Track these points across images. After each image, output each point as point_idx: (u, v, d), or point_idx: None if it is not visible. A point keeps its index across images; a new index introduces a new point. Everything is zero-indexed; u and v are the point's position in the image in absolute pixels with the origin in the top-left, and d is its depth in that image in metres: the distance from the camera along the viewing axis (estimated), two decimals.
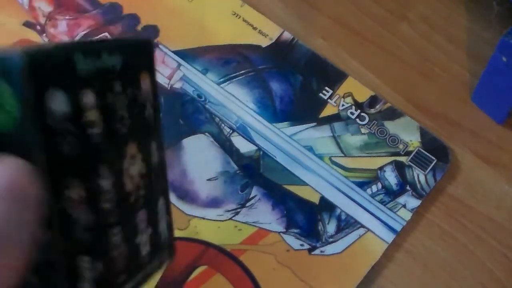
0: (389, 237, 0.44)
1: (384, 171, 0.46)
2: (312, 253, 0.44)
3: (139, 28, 0.50)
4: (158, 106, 0.27)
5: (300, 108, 0.48)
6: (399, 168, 0.46)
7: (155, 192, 0.27)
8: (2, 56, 0.20)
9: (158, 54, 0.49)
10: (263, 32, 0.50)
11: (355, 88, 0.48)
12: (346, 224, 0.45)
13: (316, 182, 0.46)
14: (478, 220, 0.45)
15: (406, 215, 0.45)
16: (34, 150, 0.21)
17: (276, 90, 0.48)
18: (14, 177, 0.20)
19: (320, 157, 0.46)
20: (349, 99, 0.48)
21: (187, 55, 0.49)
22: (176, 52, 0.49)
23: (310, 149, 0.47)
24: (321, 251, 0.44)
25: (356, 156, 0.46)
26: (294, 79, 0.49)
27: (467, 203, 0.46)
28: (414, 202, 0.45)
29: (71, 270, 0.22)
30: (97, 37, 0.49)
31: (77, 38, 0.49)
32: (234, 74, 0.49)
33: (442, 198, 0.46)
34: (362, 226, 0.45)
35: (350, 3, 0.51)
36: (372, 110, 0.48)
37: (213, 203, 0.45)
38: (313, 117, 0.47)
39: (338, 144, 0.47)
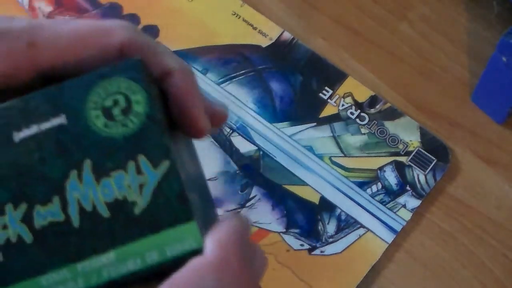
0: (389, 237, 0.44)
1: (384, 171, 0.46)
2: (312, 253, 0.44)
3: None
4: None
5: (300, 108, 0.48)
6: (399, 168, 0.46)
7: None
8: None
9: None
10: (263, 32, 0.50)
11: (355, 88, 0.48)
12: (346, 224, 0.45)
13: (316, 182, 0.46)
14: (478, 220, 0.45)
15: (406, 215, 0.45)
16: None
17: (276, 90, 0.48)
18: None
19: (320, 157, 0.46)
20: (349, 99, 0.48)
21: (187, 55, 0.49)
22: (176, 52, 0.49)
23: (310, 149, 0.47)
24: (321, 251, 0.44)
25: (356, 156, 0.46)
26: (294, 79, 0.49)
27: (467, 203, 0.46)
28: (414, 202, 0.45)
29: None
30: None
31: None
32: (234, 74, 0.49)
33: (442, 198, 0.46)
34: (362, 226, 0.45)
35: (350, 3, 0.51)
36: (372, 110, 0.48)
37: None
38: (313, 117, 0.47)
39: (338, 144, 0.47)
